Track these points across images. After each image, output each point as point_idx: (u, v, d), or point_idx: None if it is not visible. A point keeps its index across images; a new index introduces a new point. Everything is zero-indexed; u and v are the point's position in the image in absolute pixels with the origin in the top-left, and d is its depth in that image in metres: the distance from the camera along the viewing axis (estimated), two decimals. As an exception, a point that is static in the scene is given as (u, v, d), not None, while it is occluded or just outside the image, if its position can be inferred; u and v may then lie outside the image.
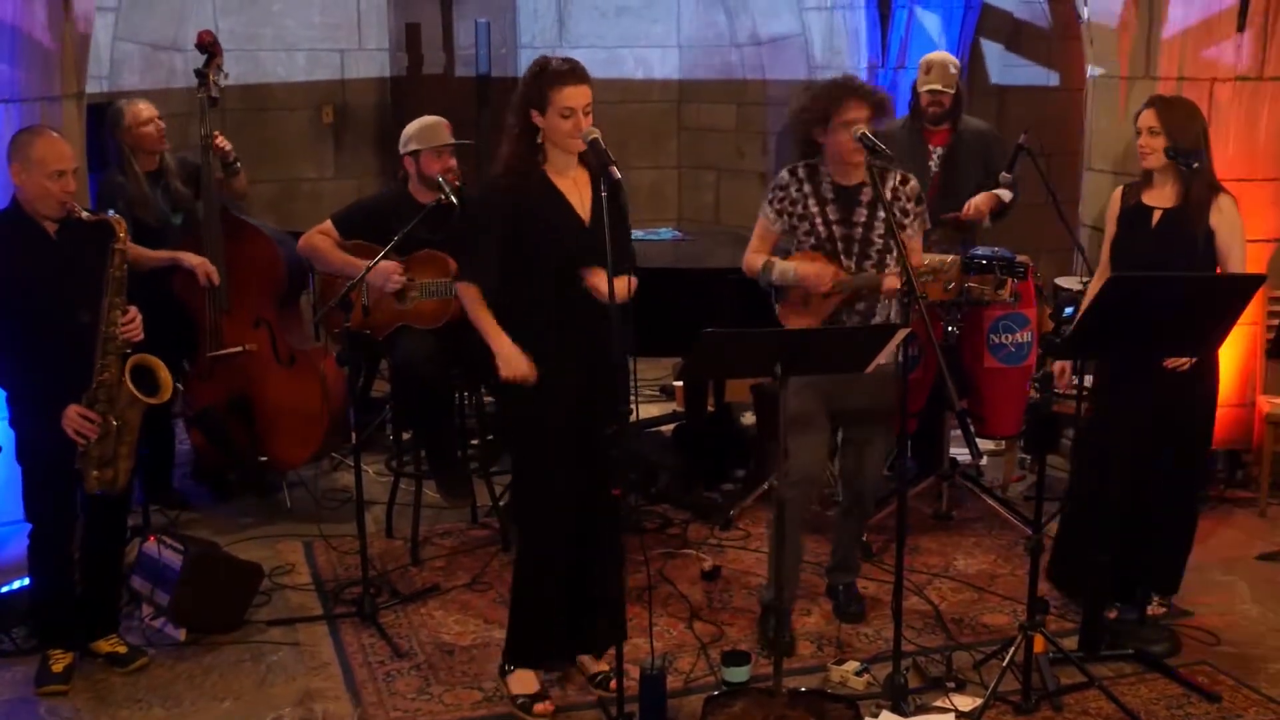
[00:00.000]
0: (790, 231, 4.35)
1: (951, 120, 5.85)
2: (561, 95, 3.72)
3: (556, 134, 3.76)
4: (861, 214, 4.29)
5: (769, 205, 4.36)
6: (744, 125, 9.00)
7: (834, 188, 4.30)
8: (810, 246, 4.31)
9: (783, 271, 4.31)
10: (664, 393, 7.48)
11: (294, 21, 8.41)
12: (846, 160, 4.22)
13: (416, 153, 5.21)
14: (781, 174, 4.37)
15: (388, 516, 5.52)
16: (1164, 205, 4.45)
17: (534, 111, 3.76)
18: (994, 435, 6.00)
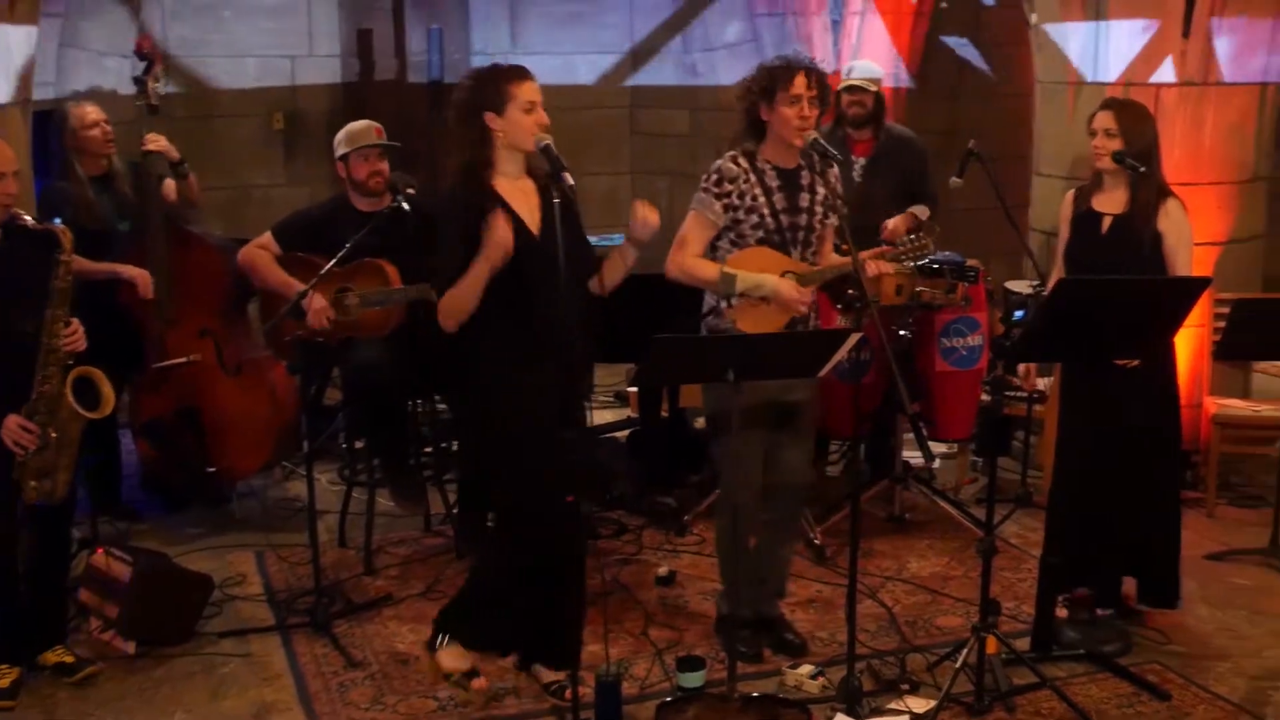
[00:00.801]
0: (734, 225, 4.17)
1: (875, 127, 5.88)
2: (523, 90, 3.72)
3: (519, 131, 3.71)
4: (804, 199, 4.19)
5: (713, 199, 4.15)
6: (697, 131, 9.01)
7: (776, 173, 4.18)
8: (758, 240, 4.15)
9: (756, 285, 4.09)
10: (618, 399, 7.48)
11: (244, 28, 8.36)
12: (791, 138, 4.09)
13: (346, 156, 5.20)
14: (724, 165, 4.15)
15: (340, 525, 5.49)
16: (1113, 211, 4.50)
17: (489, 114, 3.71)
18: (946, 438, 6.05)
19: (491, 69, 3.78)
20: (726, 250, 4.19)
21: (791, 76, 4.06)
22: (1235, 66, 5.76)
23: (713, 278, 4.14)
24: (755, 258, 4.16)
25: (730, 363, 3.71)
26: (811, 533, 5.35)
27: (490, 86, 3.71)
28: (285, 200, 8.10)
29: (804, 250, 4.21)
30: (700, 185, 4.20)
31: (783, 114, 4.07)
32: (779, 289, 4.09)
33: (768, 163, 4.18)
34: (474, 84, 3.75)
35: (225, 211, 8.08)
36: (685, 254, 4.19)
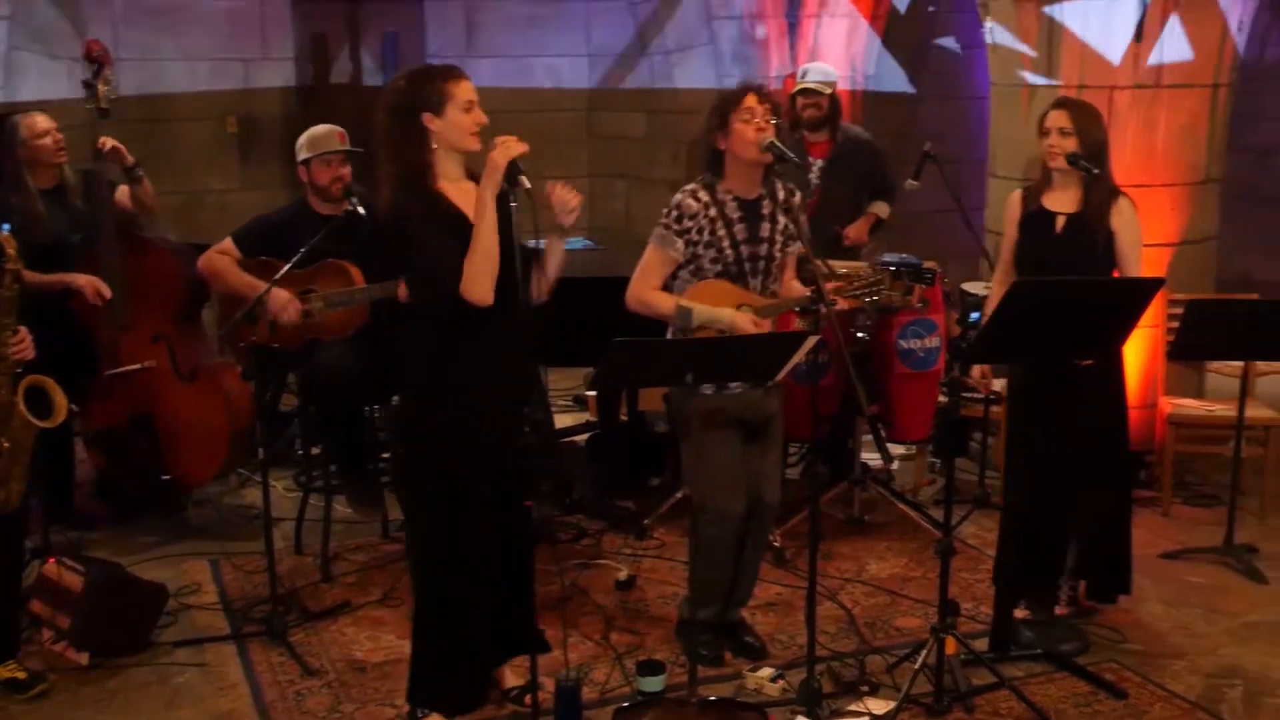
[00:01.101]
0: (694, 259, 4.18)
1: (830, 129, 5.90)
2: (460, 88, 3.65)
3: (458, 131, 3.64)
4: (765, 228, 4.21)
5: (674, 236, 4.15)
6: (654, 134, 9.03)
7: (738, 204, 4.19)
8: (716, 273, 4.16)
9: (711, 320, 4.09)
10: (577, 402, 7.47)
11: (196, 31, 8.29)
12: (749, 152, 4.09)
13: (308, 161, 5.17)
14: (684, 200, 4.16)
15: (296, 533, 5.45)
16: (1066, 210, 4.53)
17: (427, 115, 3.61)
18: (904, 440, 6.08)
19: (424, 69, 3.69)
20: (686, 280, 4.22)
21: (740, 97, 4.12)
22: (1187, 69, 5.82)
23: (669, 311, 4.17)
24: (711, 290, 4.16)
25: (688, 365, 3.71)
26: (771, 535, 5.34)
27: (426, 86, 3.61)
28: (240, 205, 8.05)
29: (764, 280, 4.23)
30: (661, 220, 4.20)
31: (739, 131, 4.10)
32: (735, 322, 4.09)
33: (729, 193, 4.19)
34: (408, 85, 3.63)
35: (179, 216, 8.00)
36: (644, 287, 4.22)
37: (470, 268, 3.58)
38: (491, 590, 3.85)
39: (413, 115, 3.61)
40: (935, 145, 5.89)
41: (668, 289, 4.27)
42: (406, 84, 3.64)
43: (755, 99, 4.11)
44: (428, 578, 3.86)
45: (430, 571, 3.85)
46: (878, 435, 5.84)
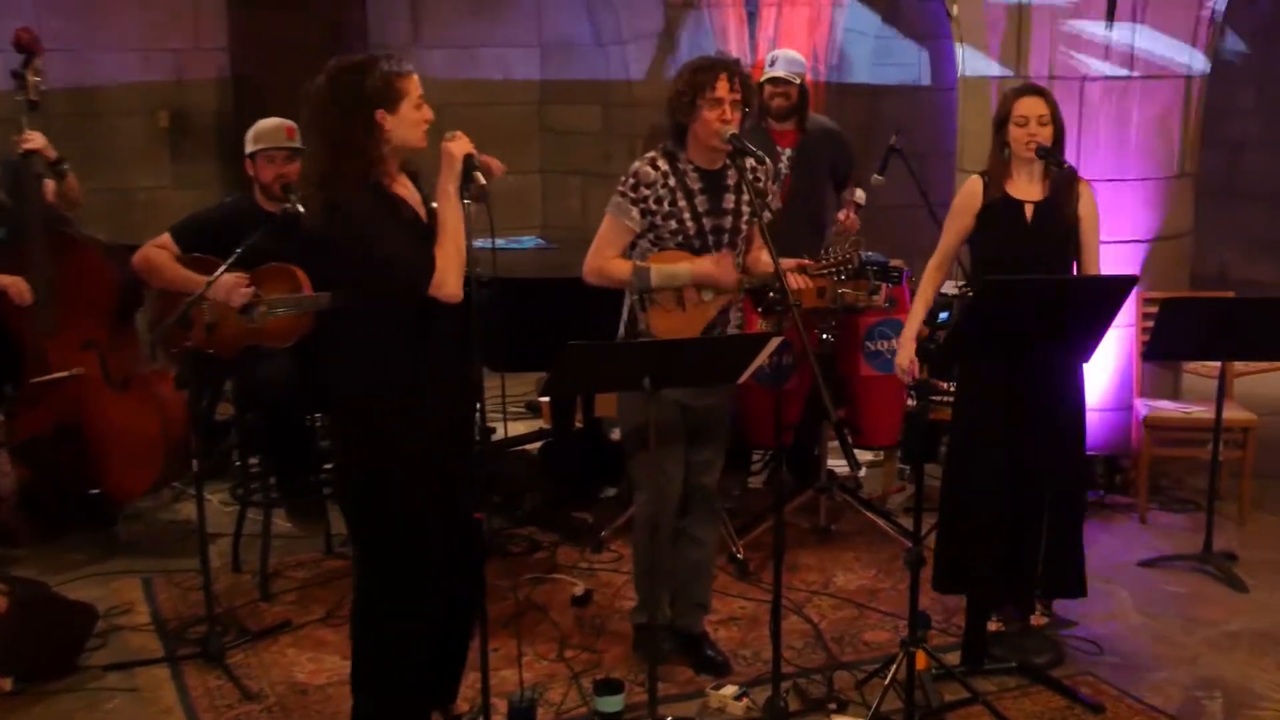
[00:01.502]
0: (652, 229, 4.19)
1: (798, 118, 5.93)
2: (412, 84, 3.63)
3: (411, 129, 3.62)
4: (730, 200, 4.23)
5: (630, 204, 4.17)
6: (610, 127, 9.02)
7: (699, 175, 4.20)
8: (676, 244, 4.18)
9: (670, 275, 4.13)
10: (530, 409, 7.45)
11: (125, 19, 8.21)
12: (710, 140, 4.10)
13: (254, 155, 5.13)
14: (641, 168, 4.17)
15: (234, 549, 5.40)
16: (1033, 198, 4.54)
17: (380, 112, 3.57)
18: (872, 445, 6.10)
19: (372, 60, 3.62)
20: (646, 249, 4.23)
21: (714, 79, 4.09)
22: (1159, 58, 5.87)
23: (626, 275, 4.19)
24: (670, 260, 4.18)
25: (646, 370, 3.71)
26: (734, 546, 5.36)
27: (379, 82, 3.57)
28: (171, 204, 7.97)
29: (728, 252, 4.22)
30: (617, 188, 4.21)
31: (704, 117, 4.10)
32: (696, 267, 4.13)
33: (690, 163, 4.20)
34: (359, 77, 3.57)
35: (108, 215, 7.91)
36: (601, 257, 4.24)
37: (442, 261, 3.58)
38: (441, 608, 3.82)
39: (365, 111, 3.56)
40: (901, 139, 5.91)
41: None
42: (357, 76, 3.58)
43: (727, 85, 4.09)
44: (373, 594, 3.83)
45: (376, 588, 3.81)
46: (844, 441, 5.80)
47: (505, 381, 4.08)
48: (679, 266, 4.15)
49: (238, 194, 5.42)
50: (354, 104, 3.56)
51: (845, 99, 8.55)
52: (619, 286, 4.27)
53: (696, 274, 4.14)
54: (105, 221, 7.66)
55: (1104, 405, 6.03)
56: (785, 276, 3.93)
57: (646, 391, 3.73)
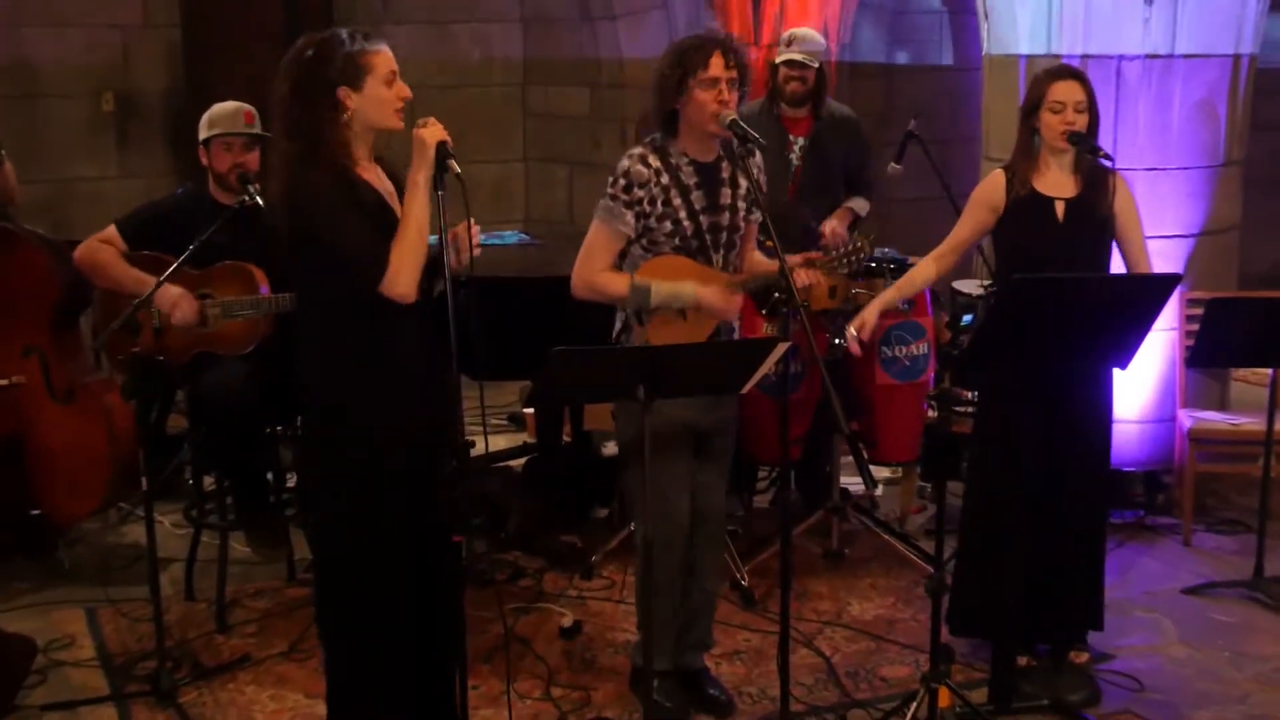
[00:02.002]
0: (646, 233, 4.18)
1: (814, 104, 5.95)
2: (380, 58, 3.63)
3: (380, 107, 3.63)
4: (726, 195, 4.22)
5: (623, 208, 4.14)
6: (599, 111, 9.04)
7: (694, 168, 4.19)
8: (673, 247, 4.17)
9: (673, 295, 4.10)
10: (513, 421, 7.46)
11: (67, -9, 8.23)
12: (707, 124, 4.09)
13: (208, 142, 5.14)
14: (631, 167, 4.14)
15: (187, 576, 5.41)
16: (1064, 195, 4.56)
17: (344, 89, 3.58)
18: (889, 461, 6.11)
19: (336, 36, 3.64)
20: (641, 256, 4.21)
21: (706, 57, 4.08)
22: (1204, 35, 5.89)
23: (623, 291, 4.15)
24: (668, 267, 4.16)
25: (640, 378, 3.72)
26: (738, 573, 5.37)
27: (341, 56, 3.58)
28: (117, 195, 7.97)
29: (726, 253, 4.24)
30: (606, 191, 4.18)
31: (698, 99, 4.08)
32: (703, 296, 4.10)
33: (683, 156, 4.19)
34: (319, 55, 3.59)
35: (47, 208, 7.93)
36: (591, 269, 4.20)
37: (397, 257, 3.57)
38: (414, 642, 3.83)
39: (325, 90, 3.59)
40: (920, 124, 5.93)
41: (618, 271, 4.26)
42: (316, 54, 3.60)
43: (721, 63, 4.09)
44: (339, 628, 3.84)
45: (342, 620, 3.82)
46: (858, 456, 5.87)
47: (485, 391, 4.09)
48: (682, 287, 4.11)
49: (190, 185, 5.43)
50: (313, 82, 3.58)
51: (859, 80, 8.59)
52: (613, 303, 4.24)
53: (702, 301, 4.11)
54: (43, 215, 7.68)
55: (1144, 417, 6.05)
56: (791, 274, 3.94)
57: (640, 401, 3.74)
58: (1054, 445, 4.46)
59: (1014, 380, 4.47)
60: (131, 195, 7.71)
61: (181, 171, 8.21)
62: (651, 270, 4.17)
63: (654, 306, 4.12)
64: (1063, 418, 4.46)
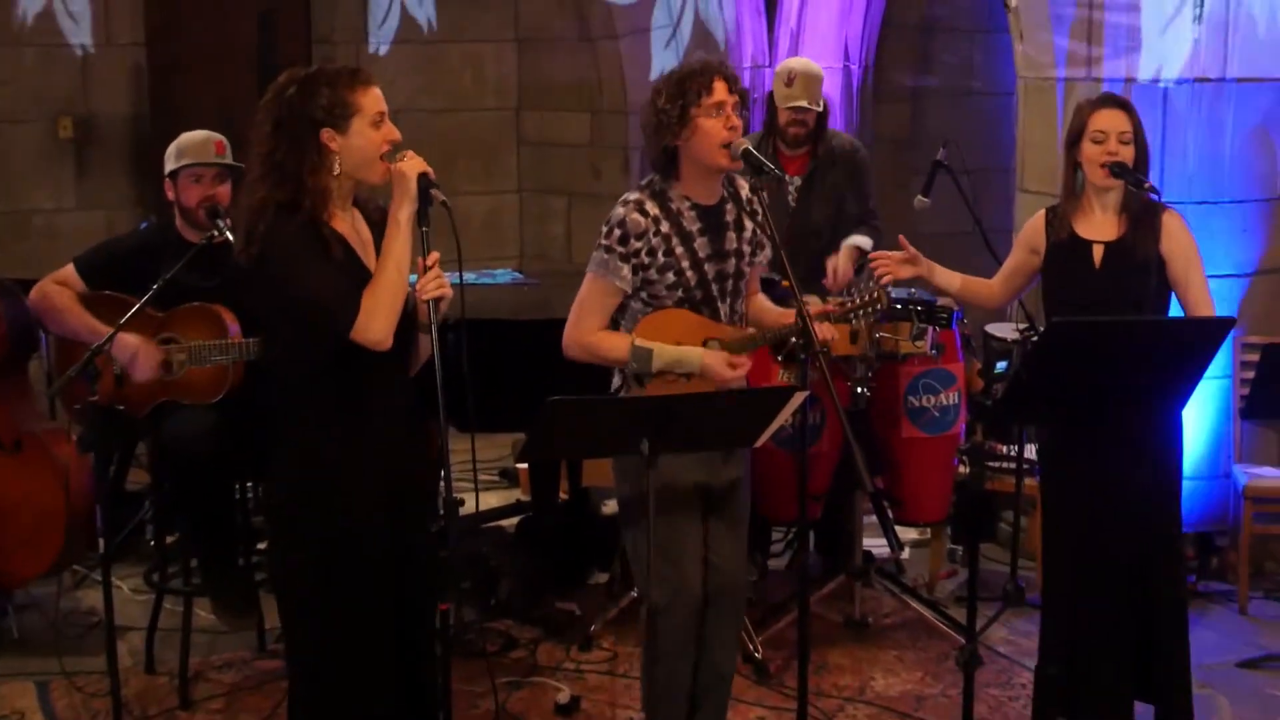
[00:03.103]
0: (646, 285, 4.16)
1: (814, 142, 5.97)
2: (369, 97, 3.64)
3: (366, 151, 3.64)
4: (731, 240, 4.21)
5: (619, 261, 4.11)
6: (600, 138, 9.07)
7: (697, 213, 4.17)
8: (676, 300, 4.16)
9: (677, 362, 4.09)
10: (504, 477, 7.46)
11: (19, 9, 8.27)
12: (716, 158, 4.08)
13: (175, 174, 5.16)
14: (627, 216, 4.12)
15: (148, 645, 5.40)
16: (1105, 238, 4.58)
17: (328, 131, 3.61)
18: (916, 521, 6.11)
19: (320, 72, 3.67)
20: (640, 310, 4.20)
21: (709, 82, 4.07)
22: (1258, 57, 5.91)
23: (622, 355, 4.14)
24: (670, 323, 4.15)
25: (644, 430, 3.72)
26: (751, 644, 5.36)
27: (326, 97, 3.60)
28: (75, 229, 8.02)
29: (733, 302, 4.24)
30: (600, 242, 4.16)
31: (704, 129, 4.06)
32: (707, 365, 4.09)
33: (685, 199, 4.18)
34: (301, 93, 3.61)
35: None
36: (585, 328, 4.19)
37: (370, 301, 3.58)
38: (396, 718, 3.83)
39: (308, 131, 3.61)
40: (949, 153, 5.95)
41: (614, 326, 4.26)
42: (300, 91, 3.62)
43: (725, 86, 4.08)
44: (313, 704, 3.84)
45: (315, 696, 3.82)
46: (883, 516, 5.86)
47: (476, 444, 4.10)
48: (688, 353, 4.10)
49: (154, 219, 5.46)
50: (296, 122, 3.60)
51: (882, 105, 8.62)
52: (611, 365, 4.23)
53: (708, 370, 4.09)
54: (-7, 250, 7.72)
55: (1195, 473, 6.04)
56: (811, 321, 3.94)
57: (644, 457, 3.74)
58: (1120, 508, 4.46)
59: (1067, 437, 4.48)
60: (90, 229, 7.76)
61: (145, 204, 8.25)
62: (653, 328, 4.15)
63: (656, 372, 4.11)
64: (1129, 477, 4.46)
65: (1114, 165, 4.48)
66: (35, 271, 5.33)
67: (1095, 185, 4.56)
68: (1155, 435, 4.50)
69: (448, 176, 3.68)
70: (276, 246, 3.59)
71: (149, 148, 8.00)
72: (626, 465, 4.16)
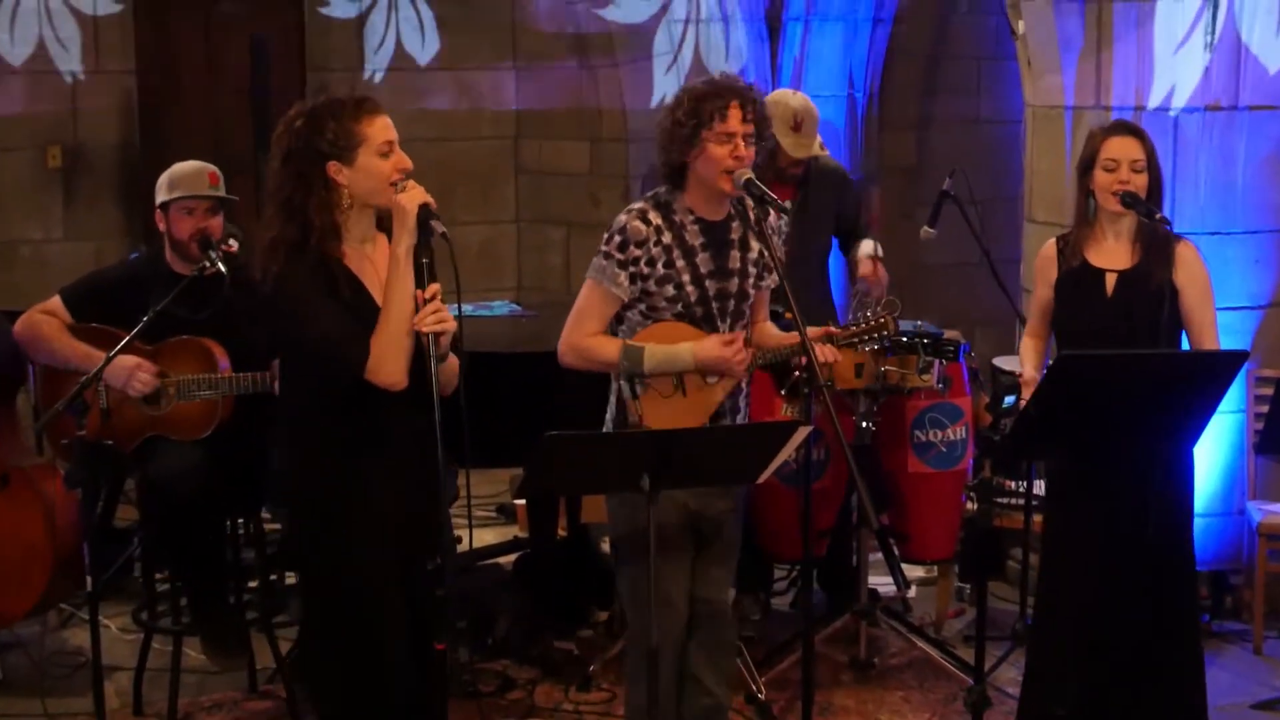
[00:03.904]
0: (643, 299, 4.22)
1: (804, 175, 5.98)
2: (376, 126, 3.66)
3: (377, 181, 3.66)
4: (736, 258, 4.22)
5: (617, 269, 4.15)
6: (600, 167, 9.07)
7: (701, 227, 4.20)
8: (675, 315, 4.18)
9: (669, 358, 4.11)
10: (502, 513, 7.45)
11: (6, 35, 8.29)
12: (719, 183, 4.10)
13: (166, 206, 5.17)
14: (629, 223, 4.16)
15: (136, 687, 5.39)
16: (1118, 266, 4.60)
17: (334, 164, 3.63)
18: (923, 559, 6.09)
19: (326, 104, 3.69)
20: (638, 322, 4.22)
21: (724, 107, 4.09)
22: (1271, 84, 5.94)
23: (614, 356, 4.16)
24: (668, 335, 4.16)
25: (644, 466, 3.73)
26: (753, 684, 5.35)
27: (331, 126, 3.63)
28: (63, 260, 8.02)
29: (734, 323, 4.24)
30: (600, 249, 4.20)
31: (711, 154, 4.09)
32: (700, 354, 4.10)
33: (690, 213, 4.20)
34: (307, 125, 3.64)
35: (-16, 273, 8.01)
36: (580, 333, 4.22)
37: (379, 343, 3.61)
38: None
39: (314, 165, 3.64)
40: (956, 182, 5.97)
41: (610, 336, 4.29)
42: (306, 124, 3.65)
43: (739, 115, 4.10)
44: None
45: None
46: (889, 553, 5.85)
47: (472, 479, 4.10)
48: (679, 348, 4.12)
49: (144, 250, 5.47)
50: (304, 155, 3.63)
51: (888, 134, 8.64)
52: (603, 369, 4.25)
53: (701, 358, 4.10)
54: (-20, 282, 7.73)
55: (1208, 510, 6.04)
56: (813, 349, 3.95)
57: (645, 493, 3.75)
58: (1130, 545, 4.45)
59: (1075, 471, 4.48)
60: (79, 260, 7.76)
61: (135, 234, 8.26)
62: (648, 336, 4.18)
63: (649, 372, 4.12)
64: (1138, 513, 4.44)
65: (1125, 195, 4.50)
66: (22, 303, 5.34)
67: (1107, 213, 4.58)
68: (1166, 471, 4.49)
69: (444, 206, 3.68)
70: (285, 287, 3.63)
71: (139, 177, 8.02)
72: (621, 502, 4.18)
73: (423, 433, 3.60)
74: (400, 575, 3.78)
